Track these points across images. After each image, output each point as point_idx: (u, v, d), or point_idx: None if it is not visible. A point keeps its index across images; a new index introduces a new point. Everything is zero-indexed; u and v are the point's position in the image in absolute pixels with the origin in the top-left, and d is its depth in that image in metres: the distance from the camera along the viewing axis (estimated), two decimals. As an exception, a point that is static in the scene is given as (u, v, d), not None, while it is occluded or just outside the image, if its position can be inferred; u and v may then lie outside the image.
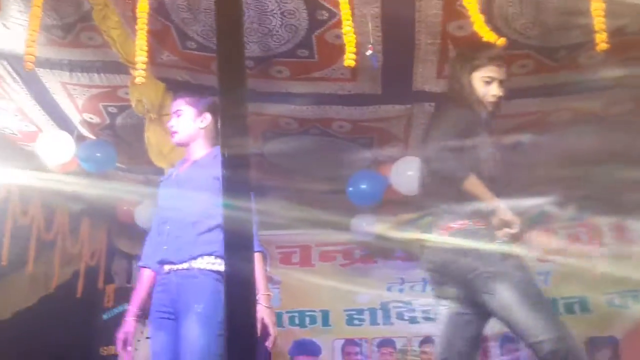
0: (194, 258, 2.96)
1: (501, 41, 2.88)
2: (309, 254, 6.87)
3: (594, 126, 4.69)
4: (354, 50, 2.91)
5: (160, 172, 4.55)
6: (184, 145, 3.30)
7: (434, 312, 6.61)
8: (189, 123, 3.25)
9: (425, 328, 6.67)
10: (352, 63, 2.92)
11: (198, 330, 2.84)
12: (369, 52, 3.41)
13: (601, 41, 2.82)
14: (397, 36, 3.76)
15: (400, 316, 6.73)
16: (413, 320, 6.75)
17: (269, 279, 6.89)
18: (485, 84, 3.10)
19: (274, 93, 4.31)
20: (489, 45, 3.08)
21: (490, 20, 3.61)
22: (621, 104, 4.55)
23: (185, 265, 2.98)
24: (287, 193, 5.61)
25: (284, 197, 5.72)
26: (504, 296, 2.75)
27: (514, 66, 4.03)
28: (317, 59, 3.97)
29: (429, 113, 4.67)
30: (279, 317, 6.73)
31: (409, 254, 6.76)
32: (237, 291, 1.14)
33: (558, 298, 6.45)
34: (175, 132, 3.26)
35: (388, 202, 5.55)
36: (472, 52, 3.21)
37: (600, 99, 4.39)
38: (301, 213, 5.60)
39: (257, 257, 3.00)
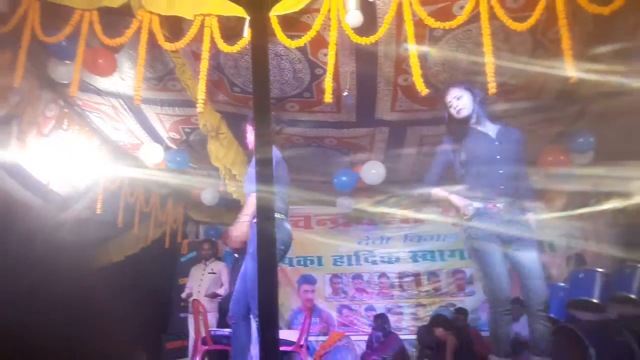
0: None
1: (425, 91, 2.75)
2: (310, 221, 6.85)
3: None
4: (330, 92, 2.88)
5: (216, 169, 4.55)
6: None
7: (387, 257, 6.74)
8: (251, 137, 3.10)
9: (382, 267, 6.74)
10: (329, 99, 2.88)
11: (247, 264, 2.79)
12: (345, 94, 3.40)
13: (492, 88, 2.77)
14: (365, 84, 3.76)
15: (366, 260, 6.75)
16: (374, 262, 6.77)
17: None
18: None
19: (289, 120, 4.30)
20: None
21: (424, 75, 3.62)
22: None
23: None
24: (297, 183, 5.58)
25: (296, 186, 5.69)
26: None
27: (438, 104, 4.02)
28: (315, 98, 3.96)
29: (385, 133, 4.68)
30: (290, 260, 6.74)
31: (372, 220, 6.79)
32: (264, 243, 1.12)
33: (463, 249, 6.40)
34: (249, 143, 3.17)
35: (359, 189, 5.56)
36: None
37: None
38: (305, 195, 5.61)
39: (252, 195, 2.74)
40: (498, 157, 2.61)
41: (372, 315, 6.34)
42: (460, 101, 2.75)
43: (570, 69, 2.67)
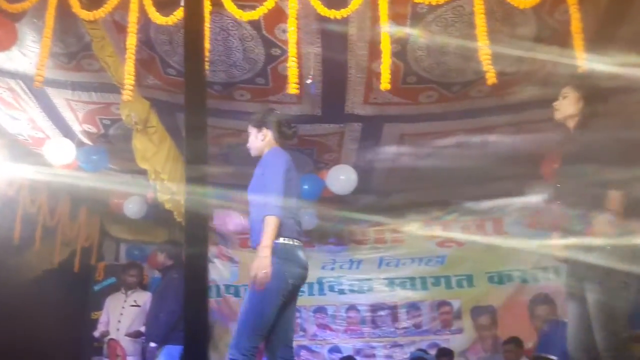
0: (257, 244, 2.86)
1: (385, 85, 2.85)
2: (262, 240, 6.85)
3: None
4: (297, 80, 2.94)
5: (144, 172, 4.51)
6: (259, 156, 3.16)
7: (358, 286, 6.83)
8: (254, 140, 3.14)
9: (351, 298, 6.82)
10: (295, 90, 2.94)
11: (247, 295, 2.82)
12: (308, 81, 3.46)
13: (491, 77, 2.88)
14: (333, 70, 3.82)
15: (331, 289, 6.81)
16: (341, 292, 6.84)
17: (230, 259, 6.87)
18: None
19: (237, 112, 4.31)
20: None
21: (404, 60, 3.74)
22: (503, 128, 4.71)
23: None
24: (245, 190, 5.59)
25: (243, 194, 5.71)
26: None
27: (422, 96, 4.16)
28: (271, 86, 3.99)
29: (357, 131, 4.77)
30: (236, 290, 6.75)
31: (340, 240, 6.88)
32: (191, 269, 1.13)
33: (451, 275, 6.66)
34: (250, 149, 3.19)
35: (325, 199, 5.62)
36: None
37: (486, 122, 4.56)
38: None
39: (271, 219, 2.78)
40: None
41: (338, 359, 6.38)
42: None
43: (580, 57, 2.83)
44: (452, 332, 6.60)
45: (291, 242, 2.86)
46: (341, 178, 5.31)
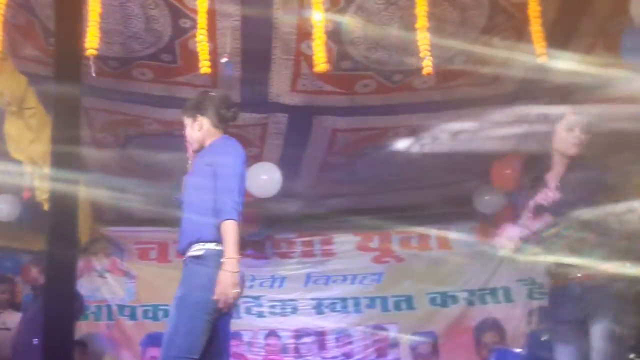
0: (190, 246, 2.83)
1: (320, 67, 2.88)
2: (166, 251, 6.70)
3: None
4: (208, 57, 2.90)
5: (19, 164, 4.32)
6: (200, 150, 3.10)
7: (280, 307, 6.81)
8: (191, 132, 3.10)
9: (271, 322, 6.78)
10: (207, 70, 2.91)
11: (172, 313, 2.79)
12: (224, 60, 3.43)
13: (427, 66, 2.94)
14: (254, 49, 3.81)
15: (248, 311, 6.75)
16: (260, 315, 6.79)
17: (125, 274, 6.71)
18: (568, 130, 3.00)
19: (137, 94, 4.22)
20: None
21: (339, 42, 3.77)
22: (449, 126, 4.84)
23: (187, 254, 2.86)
24: (147, 191, 5.48)
25: (145, 195, 5.60)
26: None
27: (357, 85, 4.21)
28: (179, 64, 3.93)
29: (282, 123, 4.77)
30: (133, 311, 6.58)
31: (260, 252, 6.84)
32: (54, 282, 1.10)
33: (388, 296, 6.74)
34: (188, 145, 3.13)
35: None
36: None
37: (431, 119, 4.67)
38: (157, 210, 5.51)
39: (230, 224, 2.74)
40: None
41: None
42: None
43: (538, 46, 2.93)
44: (388, 363, 6.72)
45: (218, 247, 2.81)
46: (263, 178, 5.28)
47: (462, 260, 6.67)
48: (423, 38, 2.85)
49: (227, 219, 2.71)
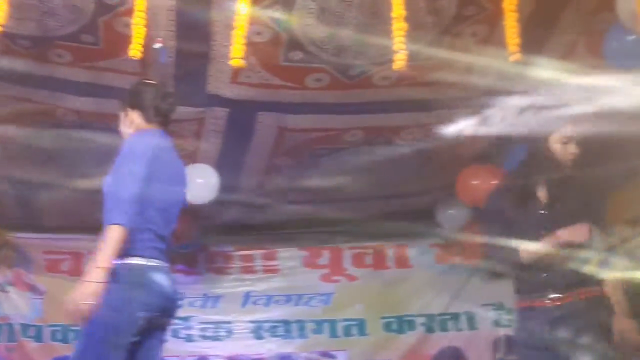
0: None
1: (236, 62, 2.94)
2: (80, 262, 6.59)
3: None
4: (142, 41, 2.87)
5: None
6: None
7: (213, 330, 6.75)
8: (122, 127, 3.16)
9: (202, 347, 6.73)
10: (137, 54, 2.87)
11: (79, 337, 2.84)
12: (156, 45, 3.39)
13: (400, 60, 2.95)
14: (192, 33, 3.76)
15: (175, 334, 6.67)
16: (189, 339, 6.72)
17: (31, 288, 6.58)
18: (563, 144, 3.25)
19: (53, 79, 4.13)
20: None
21: (288, 29, 3.76)
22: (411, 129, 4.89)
23: None
24: (64, 192, 5.38)
25: (56, 197, 5.50)
26: None
27: (309, 79, 4.21)
28: (102, 46, 3.86)
29: (222, 119, 4.73)
30: (38, 332, 6.44)
31: (192, 267, 6.79)
32: None
33: (337, 320, 6.75)
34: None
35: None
36: None
37: (392, 120, 4.70)
38: (75, 216, 5.42)
39: (111, 229, 2.72)
40: None
41: None
42: None
43: (512, 42, 2.98)
44: (334, 395, 6.73)
45: (144, 262, 2.83)
46: (198, 182, 5.23)
47: (421, 281, 6.76)
48: (399, 29, 2.86)
49: (110, 224, 2.70)
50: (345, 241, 6.83)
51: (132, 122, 3.09)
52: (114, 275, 2.73)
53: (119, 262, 2.76)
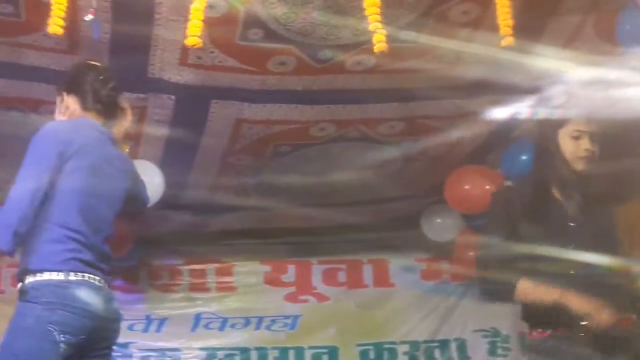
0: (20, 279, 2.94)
1: (193, 40, 2.95)
2: (-2, 276, 6.59)
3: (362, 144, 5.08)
4: (64, 14, 2.86)
5: None
6: None
7: (157, 359, 6.73)
8: (57, 113, 3.23)
9: (145, 380, 6.74)
10: (58, 30, 2.86)
11: None
12: (88, 17, 3.37)
13: (380, 41, 2.97)
14: (132, 4, 3.76)
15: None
16: (128, 369, 6.73)
17: None
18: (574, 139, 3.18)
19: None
20: None
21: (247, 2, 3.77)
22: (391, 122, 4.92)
23: None
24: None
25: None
26: None
27: (271, 62, 4.22)
28: (24, 18, 3.84)
29: (168, 108, 4.73)
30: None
31: (130, 283, 6.76)
32: None
33: (305, 347, 6.78)
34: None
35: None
36: None
37: (367, 112, 4.73)
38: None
39: None
40: None
41: None
42: None
43: (504, 27, 3.01)
44: None
45: (62, 278, 2.82)
46: (139, 181, 5.24)
47: (404, 302, 6.79)
48: (373, 4, 2.89)
49: None
50: (315, 254, 6.85)
51: (67, 109, 3.10)
52: (24, 295, 2.78)
53: (31, 279, 2.79)
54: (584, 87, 3.39)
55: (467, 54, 3.95)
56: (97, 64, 3.28)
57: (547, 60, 3.66)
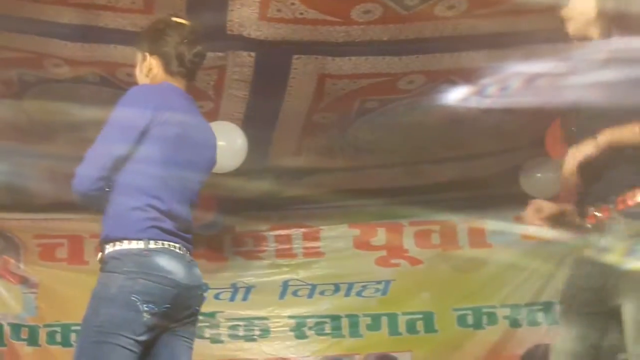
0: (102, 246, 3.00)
1: None
2: (81, 247, 6.75)
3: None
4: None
5: None
6: None
7: (245, 329, 6.83)
8: (139, 75, 3.22)
9: (232, 350, 6.85)
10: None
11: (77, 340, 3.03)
12: (162, -26, 3.41)
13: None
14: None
15: (198, 334, 6.66)
16: (215, 340, 6.82)
17: (23, 280, 6.72)
18: None
19: (38, 22, 4.19)
20: None
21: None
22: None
23: None
24: (54, 161, 5.47)
25: (49, 169, 5.60)
26: None
27: (355, 11, 4.19)
28: (97, -22, 3.92)
29: (247, 66, 4.76)
30: (33, 333, 6.59)
31: (215, 251, 6.86)
32: None
33: (398, 313, 6.80)
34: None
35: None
36: None
37: (460, 61, 4.67)
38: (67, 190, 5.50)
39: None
40: None
41: None
42: None
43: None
44: (398, 408, 6.79)
45: (143, 246, 2.88)
46: (220, 144, 5.27)
47: (503, 263, 6.73)
48: None
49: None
50: (406, 216, 6.83)
51: (149, 70, 3.13)
52: (105, 264, 2.86)
53: (111, 248, 2.87)
54: None
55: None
56: (182, 22, 3.26)
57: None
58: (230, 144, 5.30)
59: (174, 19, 3.27)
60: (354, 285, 6.89)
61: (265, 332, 6.88)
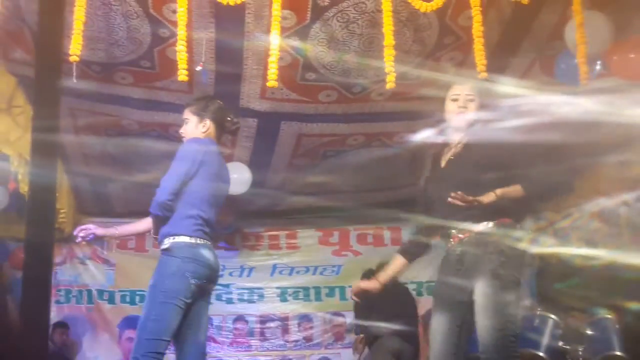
0: (161, 240, 2.95)
1: (272, 83, 2.94)
2: (144, 241, 6.60)
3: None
4: (186, 67, 2.89)
5: (5, 158, 4.24)
6: None
7: (248, 295, 6.79)
8: (193, 130, 3.06)
9: (239, 308, 6.77)
10: (184, 78, 2.90)
11: (146, 299, 2.91)
12: (198, 68, 3.41)
13: (390, 80, 2.94)
14: (227, 58, 3.79)
15: (218, 297, 6.70)
16: (229, 301, 6.76)
17: (105, 261, 6.62)
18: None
19: (117, 97, 4.17)
20: None
21: (304, 55, 3.78)
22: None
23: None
24: (124, 186, 5.41)
25: (122, 189, 5.55)
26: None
27: (321, 95, 4.22)
28: (157, 70, 3.89)
29: (252, 127, 4.76)
30: (111, 296, 6.50)
31: (231, 244, 6.82)
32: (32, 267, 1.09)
33: (345, 286, 6.63)
34: (183, 137, 3.09)
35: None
36: None
37: (386, 127, 4.70)
38: (139, 203, 5.43)
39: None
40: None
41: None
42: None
43: (480, 62, 2.95)
44: (344, 346, 6.70)
45: (194, 241, 2.88)
46: (234, 177, 5.24)
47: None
48: (389, 55, 2.86)
49: (151, 210, 2.93)
50: (352, 224, 6.82)
51: (207, 129, 3.05)
52: (171, 250, 2.83)
53: (171, 240, 2.85)
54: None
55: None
56: (228, 109, 3.23)
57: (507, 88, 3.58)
58: (240, 176, 5.29)
59: (223, 105, 3.20)
60: (318, 267, 6.83)
61: (260, 297, 6.80)
